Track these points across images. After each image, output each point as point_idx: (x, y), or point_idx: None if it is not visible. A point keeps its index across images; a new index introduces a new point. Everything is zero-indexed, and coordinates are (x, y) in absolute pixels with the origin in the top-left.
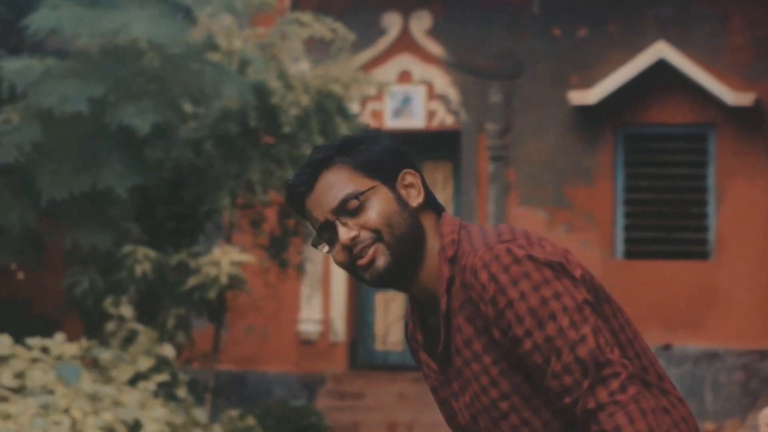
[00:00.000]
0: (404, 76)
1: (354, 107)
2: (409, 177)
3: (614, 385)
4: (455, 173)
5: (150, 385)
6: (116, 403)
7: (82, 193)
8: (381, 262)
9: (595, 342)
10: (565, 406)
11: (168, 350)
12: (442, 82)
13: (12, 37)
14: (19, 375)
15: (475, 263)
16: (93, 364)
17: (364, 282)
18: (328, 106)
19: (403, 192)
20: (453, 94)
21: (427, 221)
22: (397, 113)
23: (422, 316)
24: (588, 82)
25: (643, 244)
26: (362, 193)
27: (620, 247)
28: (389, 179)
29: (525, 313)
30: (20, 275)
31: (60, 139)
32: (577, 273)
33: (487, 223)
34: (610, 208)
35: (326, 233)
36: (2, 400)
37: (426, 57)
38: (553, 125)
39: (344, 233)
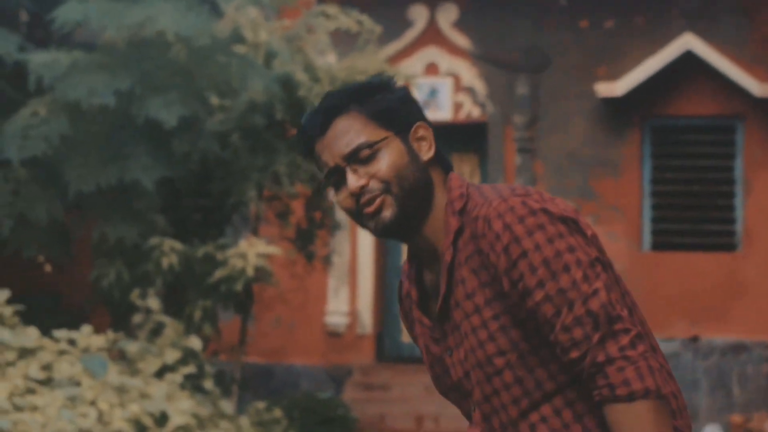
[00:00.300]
0: (431, 69)
1: None
2: (422, 130)
3: (624, 340)
4: (482, 165)
5: (177, 377)
6: (143, 395)
7: (109, 186)
8: (388, 213)
9: (607, 297)
10: (571, 360)
11: (195, 342)
12: (469, 74)
13: (39, 30)
14: (47, 367)
15: (489, 213)
16: (120, 357)
17: (368, 230)
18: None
19: (414, 145)
20: (480, 86)
21: (436, 176)
22: (424, 105)
23: (419, 273)
24: (615, 74)
25: (670, 236)
26: (375, 143)
27: (647, 238)
28: (402, 131)
29: (539, 264)
30: (48, 268)
31: (87, 132)
32: (588, 232)
33: None
34: (637, 200)
35: (334, 178)
36: (30, 392)
37: (453, 49)
38: (579, 117)
39: (354, 181)
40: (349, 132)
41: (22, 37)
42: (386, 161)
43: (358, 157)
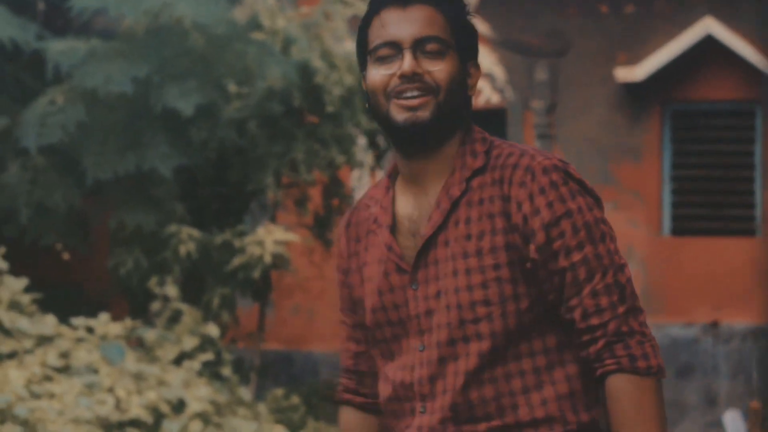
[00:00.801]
0: None
1: None
2: (476, 69)
3: (642, 317)
4: None
5: (194, 364)
6: (160, 382)
7: (126, 174)
8: (427, 113)
9: (630, 273)
10: (589, 326)
11: (212, 330)
12: (488, 60)
13: (58, 18)
14: (64, 355)
15: (534, 166)
16: (138, 344)
17: (388, 119)
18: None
19: (471, 76)
20: (499, 72)
21: (466, 116)
22: None
23: (393, 200)
24: (635, 59)
25: (690, 221)
26: (448, 45)
27: (667, 223)
28: (465, 56)
29: (582, 226)
30: (66, 256)
31: (105, 120)
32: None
33: None
34: (657, 186)
35: (383, 51)
36: (47, 379)
37: None
38: (599, 102)
39: (413, 64)
40: (430, 21)
41: (40, 25)
42: (447, 69)
43: (426, 48)
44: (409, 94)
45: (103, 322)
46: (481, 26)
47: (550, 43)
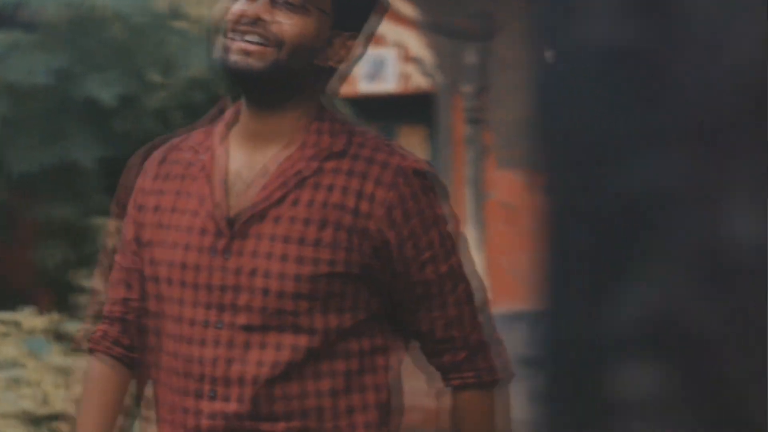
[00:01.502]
0: (377, 40)
1: None
2: (351, 43)
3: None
4: (431, 137)
5: None
6: None
7: (51, 166)
8: (258, 64)
9: None
10: (446, 336)
11: None
12: (417, 44)
13: None
14: None
15: (406, 168)
16: (66, 338)
17: (219, 57)
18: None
19: (335, 45)
20: (427, 56)
21: (319, 86)
22: (371, 77)
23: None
24: None
25: None
26: (319, 7)
27: None
28: (339, 25)
29: (448, 236)
30: None
31: (28, 112)
32: None
33: (465, 188)
34: None
35: None
36: None
37: (400, 19)
38: (530, 86)
39: (260, 8)
40: None
41: None
42: (301, 26)
43: None
44: (248, 38)
45: (27, 316)
46: (408, 10)
47: (479, 26)
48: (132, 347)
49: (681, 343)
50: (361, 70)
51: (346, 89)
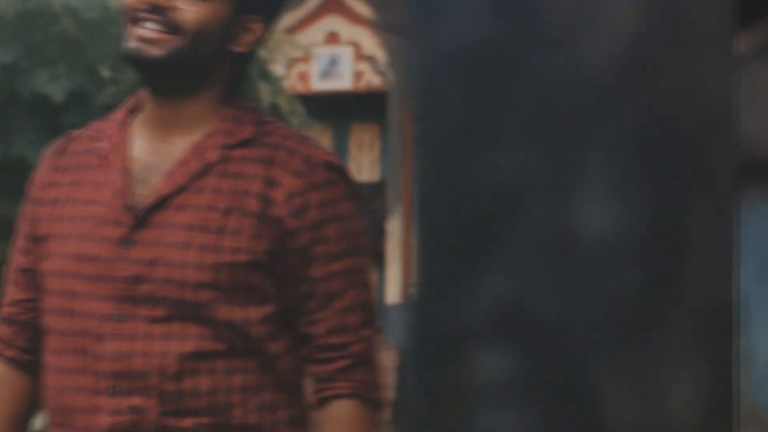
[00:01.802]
0: (332, 38)
1: (280, 70)
2: (257, 26)
3: (379, 343)
4: (383, 135)
5: None
6: None
7: None
8: (158, 52)
9: (374, 294)
10: (326, 343)
11: None
12: (371, 42)
13: None
14: None
15: (314, 157)
16: None
17: (125, 43)
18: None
19: (240, 29)
20: (381, 54)
21: (226, 72)
22: (325, 75)
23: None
24: None
25: None
26: None
27: None
28: (244, 6)
29: (346, 235)
30: None
31: None
32: None
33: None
34: None
35: None
36: None
37: (354, 18)
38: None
39: None
40: None
41: None
42: (204, 13)
43: None
44: (147, 25)
45: None
46: (362, 9)
47: None
48: (28, 349)
49: (530, 329)
50: (315, 68)
51: (300, 87)
